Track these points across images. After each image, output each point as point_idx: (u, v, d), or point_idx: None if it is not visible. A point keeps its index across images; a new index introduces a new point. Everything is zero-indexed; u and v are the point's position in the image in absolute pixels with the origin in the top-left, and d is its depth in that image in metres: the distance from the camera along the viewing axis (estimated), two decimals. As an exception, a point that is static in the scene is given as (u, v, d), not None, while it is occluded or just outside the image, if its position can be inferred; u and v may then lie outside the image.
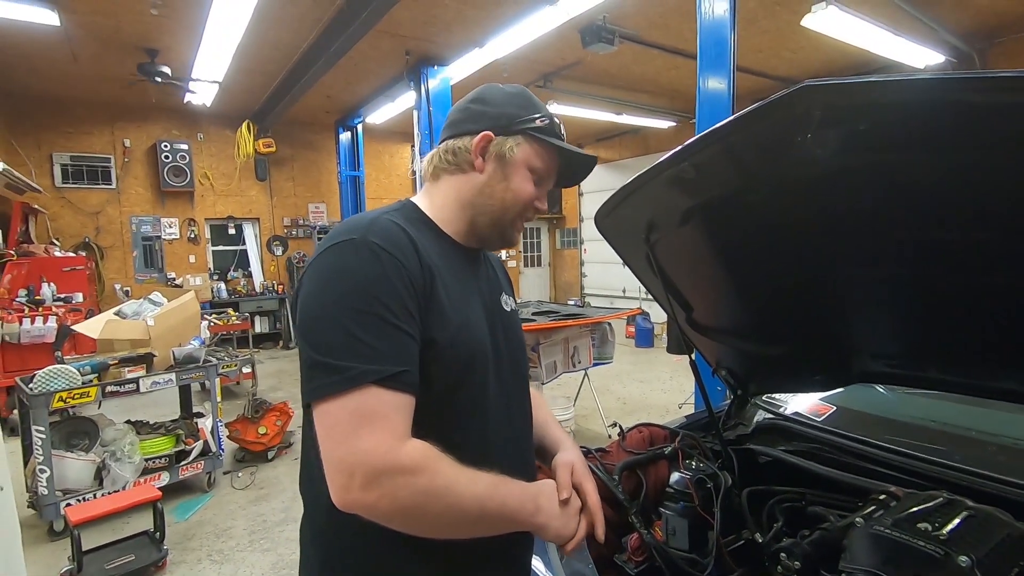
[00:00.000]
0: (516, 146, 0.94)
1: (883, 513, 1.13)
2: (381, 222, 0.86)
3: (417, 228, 0.90)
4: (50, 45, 5.73)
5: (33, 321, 5.27)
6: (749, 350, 1.64)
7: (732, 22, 3.30)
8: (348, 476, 0.73)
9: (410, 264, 0.82)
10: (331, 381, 0.75)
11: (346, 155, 9.45)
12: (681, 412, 4.97)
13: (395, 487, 0.73)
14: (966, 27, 5.84)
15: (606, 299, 11.08)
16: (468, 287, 0.94)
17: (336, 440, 0.74)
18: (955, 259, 1.01)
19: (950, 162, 0.77)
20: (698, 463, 1.47)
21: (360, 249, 0.80)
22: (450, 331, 0.84)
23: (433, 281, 0.84)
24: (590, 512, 0.97)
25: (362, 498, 0.72)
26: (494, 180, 0.94)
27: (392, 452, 0.73)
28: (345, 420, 0.74)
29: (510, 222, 0.98)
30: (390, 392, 0.75)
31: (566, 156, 0.99)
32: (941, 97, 0.67)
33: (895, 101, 0.71)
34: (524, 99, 0.98)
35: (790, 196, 0.98)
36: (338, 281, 0.79)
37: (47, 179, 7.72)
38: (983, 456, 1.38)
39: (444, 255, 0.91)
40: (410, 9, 5.07)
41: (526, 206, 0.97)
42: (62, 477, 3.26)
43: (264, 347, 9.24)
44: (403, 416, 0.77)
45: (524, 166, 0.95)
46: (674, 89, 8.02)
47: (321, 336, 0.77)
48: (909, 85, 0.68)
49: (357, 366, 0.74)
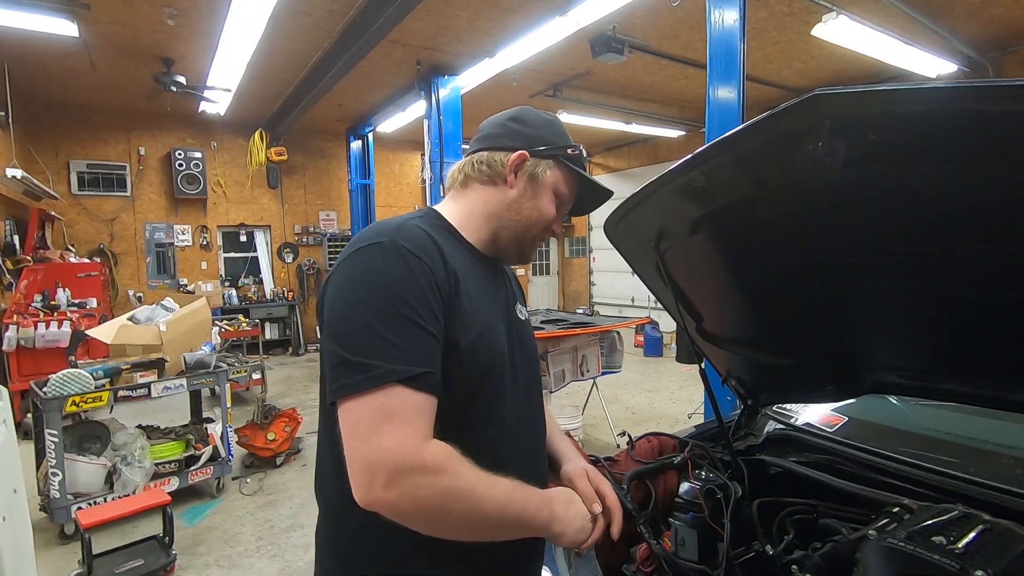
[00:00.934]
0: (548, 169, 0.99)
1: (897, 526, 1.12)
2: (408, 227, 0.88)
3: (441, 235, 0.92)
4: (69, 55, 5.85)
5: (48, 326, 5.34)
6: (760, 360, 1.63)
7: (742, 32, 3.30)
8: (371, 474, 0.73)
9: (436, 268, 0.83)
10: (357, 380, 0.76)
11: (357, 163, 9.53)
12: (690, 422, 4.93)
13: (416, 486, 0.73)
14: (979, 36, 5.80)
15: (615, 308, 11.04)
16: (488, 295, 0.96)
17: (359, 438, 0.75)
18: (970, 270, 1.00)
19: (963, 173, 0.76)
20: (708, 473, 1.46)
21: (389, 252, 0.82)
22: (471, 335, 0.86)
23: (458, 286, 0.86)
24: (609, 512, 1.00)
25: (384, 496, 0.73)
26: (523, 198, 0.98)
27: (415, 451, 0.74)
28: (369, 418, 0.75)
29: (530, 240, 1.02)
30: (414, 392, 0.77)
31: (587, 187, 1.05)
32: (954, 107, 0.66)
33: (907, 111, 0.71)
34: (559, 128, 1.04)
35: (801, 205, 0.98)
36: (367, 282, 0.81)
37: (64, 186, 7.85)
38: (998, 469, 1.36)
39: (467, 262, 0.93)
40: (422, 19, 5.13)
41: (546, 227, 1.02)
42: (74, 481, 3.29)
43: (274, 353, 9.30)
44: (426, 417, 0.78)
45: (551, 189, 1.00)
46: (683, 99, 8.03)
47: (348, 335, 0.79)
48: (921, 94, 0.68)
49: (383, 365, 0.75)
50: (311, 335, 9.80)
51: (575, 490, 0.99)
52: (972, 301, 1.10)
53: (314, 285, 9.92)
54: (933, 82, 0.64)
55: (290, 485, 4.01)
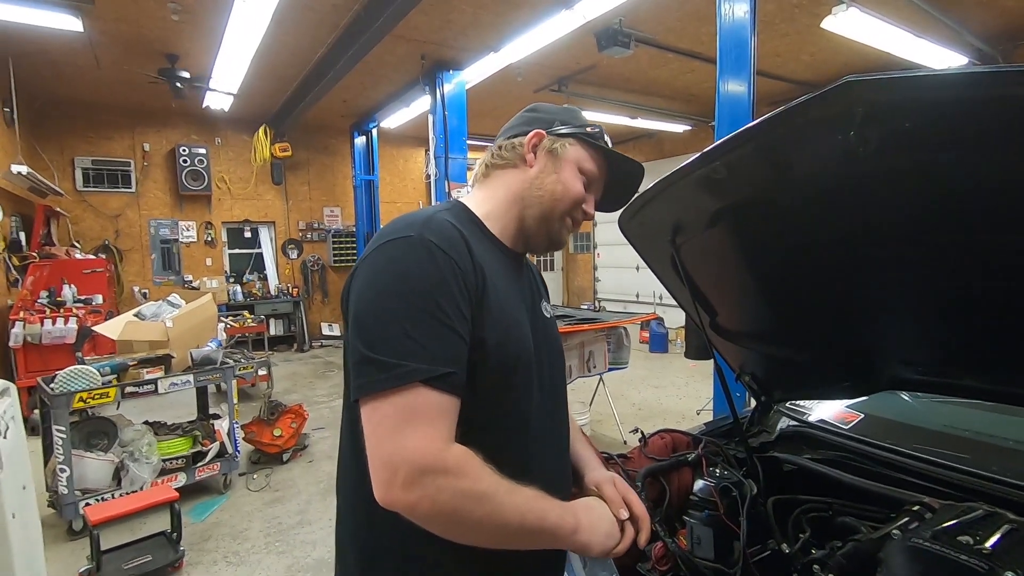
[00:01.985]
0: (568, 145, 0.98)
1: (919, 525, 1.10)
2: (436, 220, 0.86)
3: (468, 229, 0.90)
4: (74, 51, 5.84)
5: (54, 322, 5.35)
6: (774, 355, 1.61)
7: (752, 24, 3.26)
8: (391, 473, 0.72)
9: (464, 264, 0.81)
10: (380, 378, 0.74)
11: (361, 159, 9.51)
12: (699, 419, 4.92)
13: (437, 488, 0.72)
14: (990, 28, 5.73)
15: (619, 304, 11.01)
16: (514, 291, 0.94)
17: (381, 436, 0.74)
18: (996, 264, 0.98)
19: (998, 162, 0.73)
20: (722, 471, 1.44)
21: (416, 247, 0.80)
22: (499, 332, 0.84)
23: (485, 282, 0.84)
24: (638, 521, 0.97)
25: (404, 496, 0.72)
26: (544, 173, 0.97)
27: (437, 453, 0.73)
28: (392, 417, 0.74)
29: (559, 217, 0.98)
30: (438, 393, 0.75)
31: (615, 162, 1.02)
32: (993, 93, 0.64)
33: (943, 97, 0.68)
34: (576, 112, 1.04)
35: (826, 197, 0.96)
36: (392, 278, 0.79)
37: (69, 183, 7.86)
38: (1020, 466, 1.33)
39: (494, 257, 0.92)
40: (426, 14, 5.10)
41: (575, 202, 0.98)
42: (81, 477, 3.29)
43: (278, 349, 9.31)
44: (449, 418, 0.77)
45: (574, 164, 0.98)
46: (690, 93, 7.97)
47: (372, 332, 0.77)
48: (958, 80, 0.66)
49: (407, 364, 0.74)
50: (316, 331, 9.80)
51: (602, 496, 0.97)
52: (996, 294, 1.07)
53: (318, 281, 9.92)
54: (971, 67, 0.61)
55: (297, 481, 4.02)
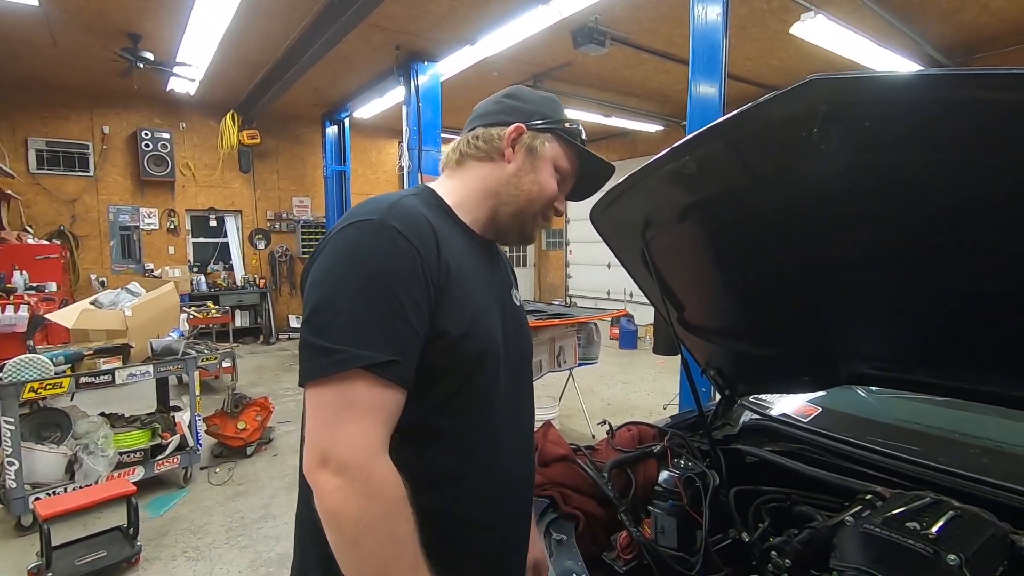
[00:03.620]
0: (547, 142, 0.96)
1: (871, 512, 1.14)
2: (403, 205, 0.84)
3: (437, 215, 0.89)
4: (28, 27, 5.56)
5: (4, 310, 5.11)
6: (740, 350, 1.65)
7: (724, 28, 3.32)
8: (321, 457, 0.72)
9: (427, 253, 0.80)
10: (322, 363, 0.74)
11: (332, 149, 9.33)
12: (666, 413, 5.00)
13: (353, 491, 0.71)
14: (948, 41, 5.97)
15: (591, 301, 11.11)
16: (483, 279, 0.93)
17: (319, 421, 0.74)
18: (949, 262, 1.02)
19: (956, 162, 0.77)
20: (687, 462, 1.47)
21: (378, 231, 0.79)
22: (464, 324, 0.83)
23: (449, 272, 0.82)
24: None
25: (323, 481, 0.72)
26: (522, 171, 0.95)
27: (366, 459, 0.72)
28: (330, 404, 0.73)
29: (532, 216, 0.98)
30: (378, 381, 0.74)
31: (588, 162, 1.01)
32: (952, 94, 0.67)
33: (902, 97, 0.71)
34: (556, 103, 1.02)
35: (790, 193, 0.98)
36: (348, 263, 0.78)
37: (21, 164, 7.49)
38: (967, 458, 1.40)
39: (462, 245, 0.90)
40: (401, 3, 5.03)
41: (548, 202, 0.98)
42: (31, 470, 3.16)
43: (244, 341, 9.09)
44: (386, 413, 0.76)
45: (551, 163, 0.97)
46: (663, 93, 8.08)
47: (320, 317, 0.76)
48: (919, 81, 0.68)
49: (348, 350, 0.73)
50: (283, 324, 9.61)
51: None
52: (953, 293, 1.12)
53: (286, 273, 9.72)
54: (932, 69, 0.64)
55: (261, 475, 3.94)
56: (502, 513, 0.93)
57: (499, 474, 0.91)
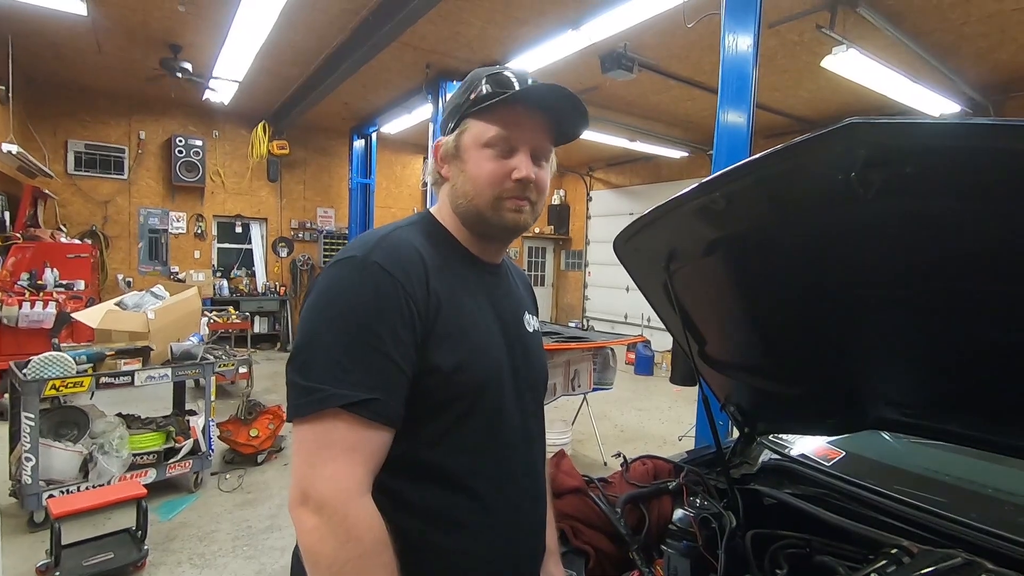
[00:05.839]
0: (461, 134, 0.90)
1: (897, 569, 1.09)
2: (392, 238, 0.84)
3: (432, 243, 0.89)
4: (76, 34, 5.80)
5: (33, 306, 5.24)
6: (762, 388, 1.61)
7: (755, 58, 3.31)
8: (301, 496, 0.73)
9: (413, 288, 0.79)
10: (303, 402, 0.75)
11: (358, 162, 9.49)
12: (681, 445, 4.91)
13: (328, 532, 0.71)
14: (984, 79, 5.88)
15: (607, 324, 11.03)
16: (483, 308, 0.91)
17: (301, 459, 0.75)
18: (987, 312, 0.99)
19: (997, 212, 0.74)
20: (702, 501, 1.43)
21: (360, 269, 0.79)
22: (458, 356, 0.82)
23: (440, 305, 0.81)
24: None
25: (304, 518, 0.72)
26: (456, 177, 0.92)
27: (345, 499, 0.72)
28: (311, 442, 0.74)
29: (488, 207, 0.88)
30: (359, 420, 0.74)
31: (525, 99, 0.86)
32: (996, 145, 0.64)
33: (946, 145, 0.69)
34: (467, 82, 0.92)
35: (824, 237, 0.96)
36: (330, 301, 0.79)
37: (60, 165, 7.75)
38: (1001, 516, 1.33)
39: (460, 273, 0.89)
40: (434, 23, 5.13)
41: (492, 182, 0.87)
42: (47, 467, 3.20)
43: (262, 348, 9.19)
44: (366, 451, 0.75)
45: (474, 147, 0.88)
46: (689, 120, 8.08)
47: (303, 356, 0.77)
48: (962, 130, 0.66)
49: (326, 389, 0.73)
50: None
51: None
52: (985, 342, 1.08)
53: (307, 281, 9.84)
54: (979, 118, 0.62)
55: (271, 484, 3.94)
56: (505, 548, 0.90)
57: (502, 508, 0.88)
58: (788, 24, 4.81)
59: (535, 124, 0.89)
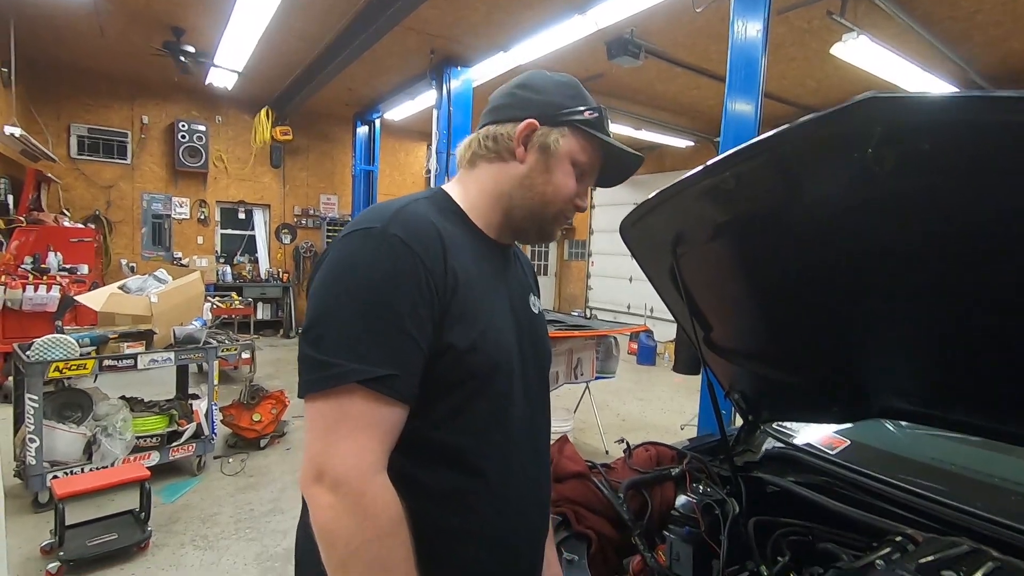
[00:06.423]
0: (561, 138, 0.89)
1: (902, 556, 1.08)
2: (409, 211, 0.81)
3: (449, 220, 0.86)
4: (78, 17, 5.75)
5: (36, 289, 5.25)
6: (766, 375, 1.59)
7: (764, 45, 3.27)
8: (317, 471, 0.71)
9: (432, 263, 0.77)
10: (317, 377, 0.72)
11: (362, 149, 9.45)
12: (683, 434, 4.91)
13: (344, 510, 0.69)
14: (995, 68, 5.80)
15: (610, 314, 11.01)
16: (496, 288, 0.90)
17: (316, 435, 0.73)
18: (1001, 298, 0.97)
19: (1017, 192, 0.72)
20: (705, 487, 1.42)
21: (379, 241, 0.76)
22: (472, 336, 0.80)
23: (456, 283, 0.79)
24: None
25: (318, 495, 0.71)
26: (535, 172, 0.89)
27: (361, 475, 0.71)
28: (326, 417, 0.72)
29: (551, 218, 0.92)
30: (376, 396, 0.72)
31: (612, 153, 0.93)
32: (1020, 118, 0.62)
33: (966, 120, 0.66)
34: (573, 89, 0.93)
35: (836, 217, 0.94)
36: (348, 273, 0.76)
37: (63, 149, 7.73)
38: (1006, 505, 1.32)
39: (474, 252, 0.87)
40: (439, 8, 5.07)
41: (566, 202, 0.91)
42: (51, 448, 3.22)
43: (265, 334, 9.21)
44: (383, 427, 0.73)
45: (568, 160, 0.89)
46: (695, 109, 8.00)
47: (318, 329, 0.74)
48: (983, 104, 0.64)
49: (344, 364, 0.71)
50: (303, 318, 9.70)
51: None
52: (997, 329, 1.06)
53: (310, 268, 9.84)
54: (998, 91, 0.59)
55: (273, 468, 3.95)
56: (512, 531, 0.89)
57: (510, 491, 0.87)
58: (797, 11, 4.74)
59: (600, 168, 0.96)
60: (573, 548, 1.29)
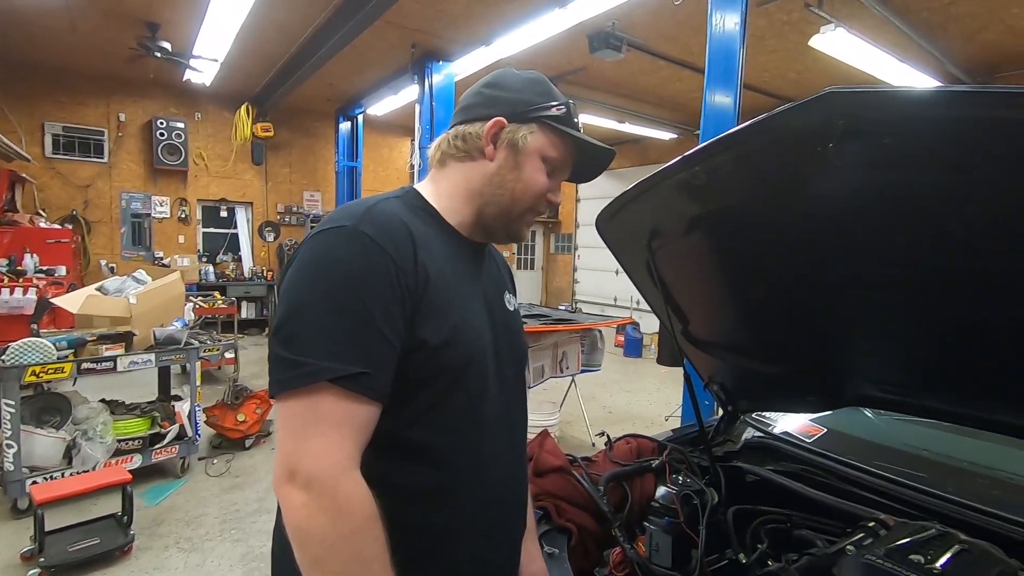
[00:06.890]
0: (530, 134, 0.89)
1: (873, 541, 1.11)
2: (379, 210, 0.81)
3: (419, 218, 0.86)
4: (48, 12, 5.61)
5: (12, 292, 5.14)
6: (743, 366, 1.62)
7: (742, 37, 3.28)
8: (288, 472, 0.71)
9: (402, 260, 0.77)
10: (288, 376, 0.72)
11: (345, 145, 9.35)
12: (667, 424, 4.95)
13: (318, 508, 0.69)
14: (971, 60, 5.88)
15: (597, 307, 11.06)
16: (469, 285, 0.90)
17: (287, 434, 0.72)
18: (965, 287, 0.99)
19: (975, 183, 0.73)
20: (685, 478, 1.44)
21: (350, 239, 0.76)
22: (444, 332, 0.80)
23: (428, 279, 0.79)
24: None
25: (290, 495, 0.70)
26: (505, 169, 0.90)
27: (334, 473, 0.70)
28: (298, 417, 0.72)
29: (519, 215, 0.93)
30: (348, 394, 0.72)
31: (582, 147, 0.94)
32: (976, 113, 0.63)
33: (925, 114, 0.67)
34: (541, 85, 0.93)
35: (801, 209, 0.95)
36: (318, 272, 0.75)
37: (37, 148, 7.56)
38: (976, 489, 1.36)
39: (446, 249, 0.87)
40: (419, 1, 5.03)
41: (537, 198, 0.92)
42: (30, 454, 3.16)
43: (249, 333, 9.11)
44: (355, 426, 0.73)
45: (537, 156, 0.90)
46: (677, 102, 8.03)
47: (289, 328, 0.74)
48: (942, 98, 0.65)
49: (316, 362, 0.71)
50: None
51: None
52: (964, 319, 1.08)
53: (294, 266, 9.75)
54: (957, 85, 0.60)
55: (259, 468, 3.93)
56: (489, 527, 0.89)
57: (486, 487, 0.88)
58: (777, 3, 4.76)
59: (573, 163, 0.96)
60: (554, 541, 1.30)
